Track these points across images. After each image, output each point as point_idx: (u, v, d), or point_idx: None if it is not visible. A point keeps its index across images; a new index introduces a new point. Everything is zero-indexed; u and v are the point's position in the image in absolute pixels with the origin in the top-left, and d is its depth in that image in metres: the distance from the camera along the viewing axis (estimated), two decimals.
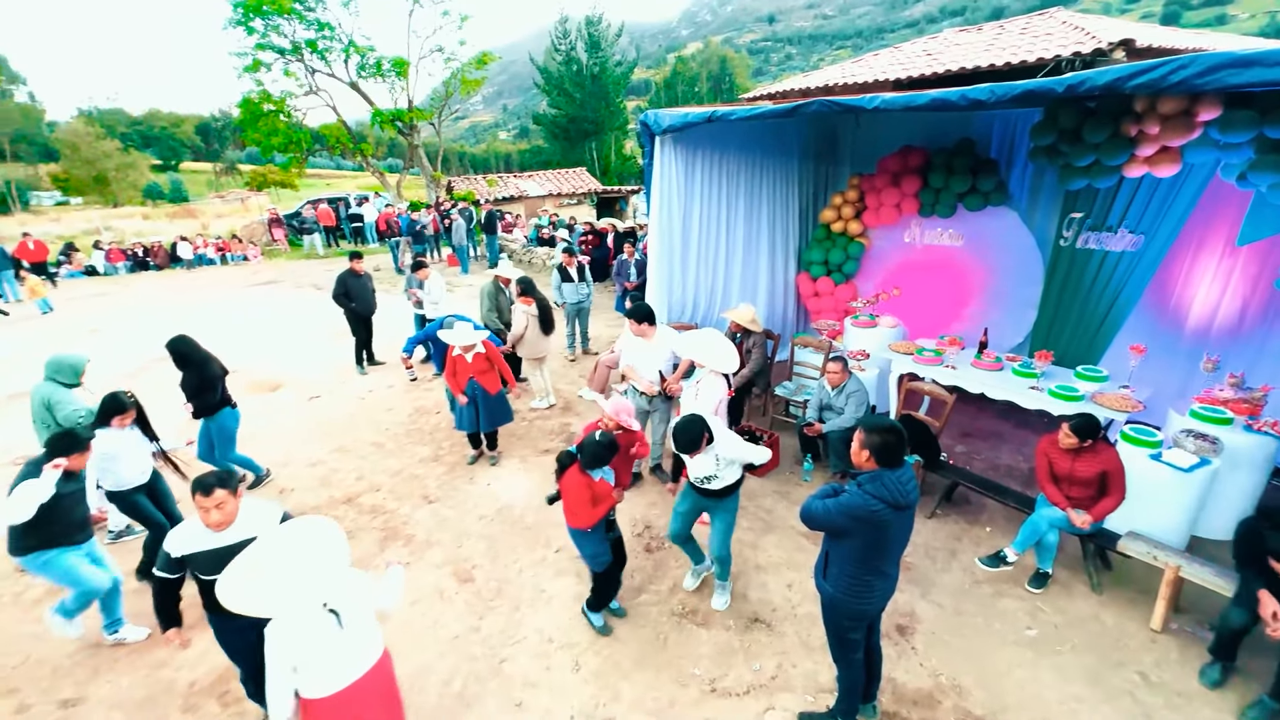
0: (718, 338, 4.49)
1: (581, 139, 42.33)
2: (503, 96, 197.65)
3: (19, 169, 50.85)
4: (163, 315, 12.10)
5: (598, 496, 3.35)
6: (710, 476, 3.52)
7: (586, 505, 3.31)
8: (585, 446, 3.30)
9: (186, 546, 2.68)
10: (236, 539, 2.66)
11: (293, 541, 2.28)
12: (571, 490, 3.33)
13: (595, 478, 3.36)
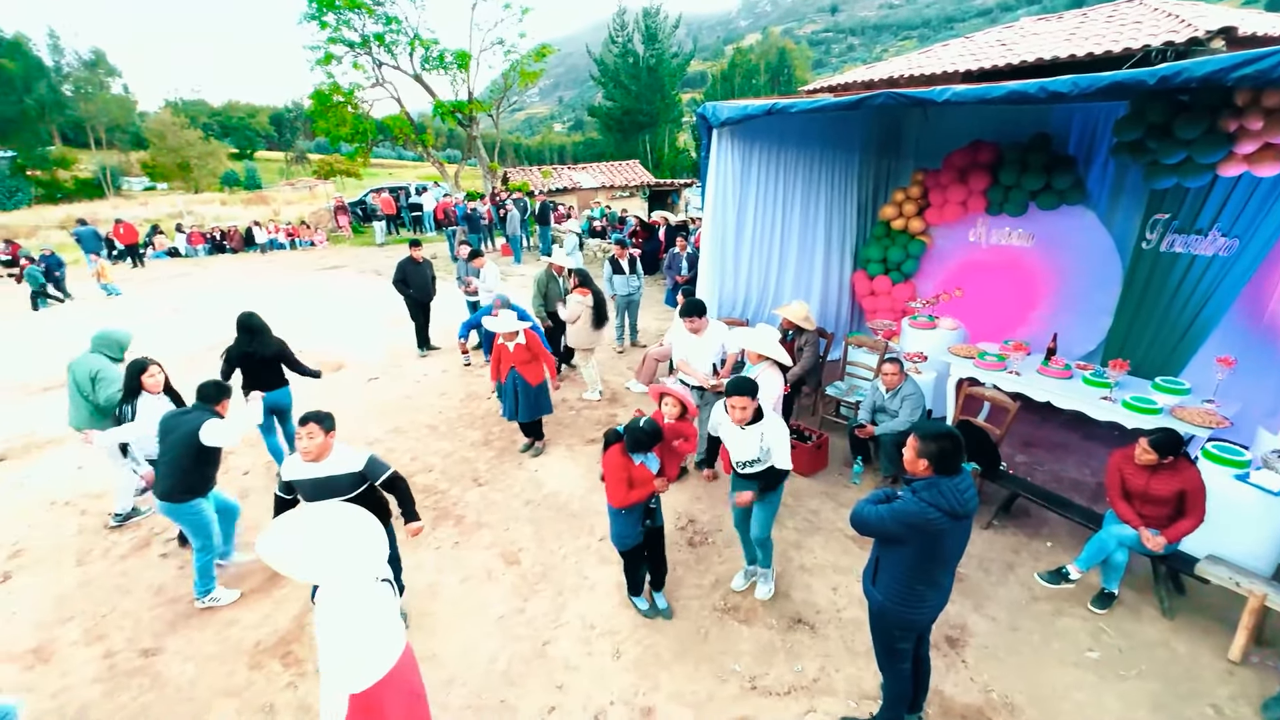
0: (772, 333, 4.45)
1: (635, 131, 42.35)
2: (559, 89, 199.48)
3: (113, 156, 54.58)
4: (238, 296, 12.81)
5: (634, 480, 3.40)
6: (753, 461, 3.49)
7: (622, 485, 3.36)
8: (630, 429, 3.35)
9: (291, 473, 3.25)
10: (326, 473, 3.21)
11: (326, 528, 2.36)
12: (610, 469, 3.39)
13: (636, 461, 3.40)
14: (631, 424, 3.37)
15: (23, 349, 9.65)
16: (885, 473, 5.03)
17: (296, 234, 20.71)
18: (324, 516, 2.41)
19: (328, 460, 3.24)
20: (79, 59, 60.55)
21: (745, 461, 3.53)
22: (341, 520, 2.40)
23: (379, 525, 2.44)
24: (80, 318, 11.36)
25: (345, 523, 2.39)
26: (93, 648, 3.70)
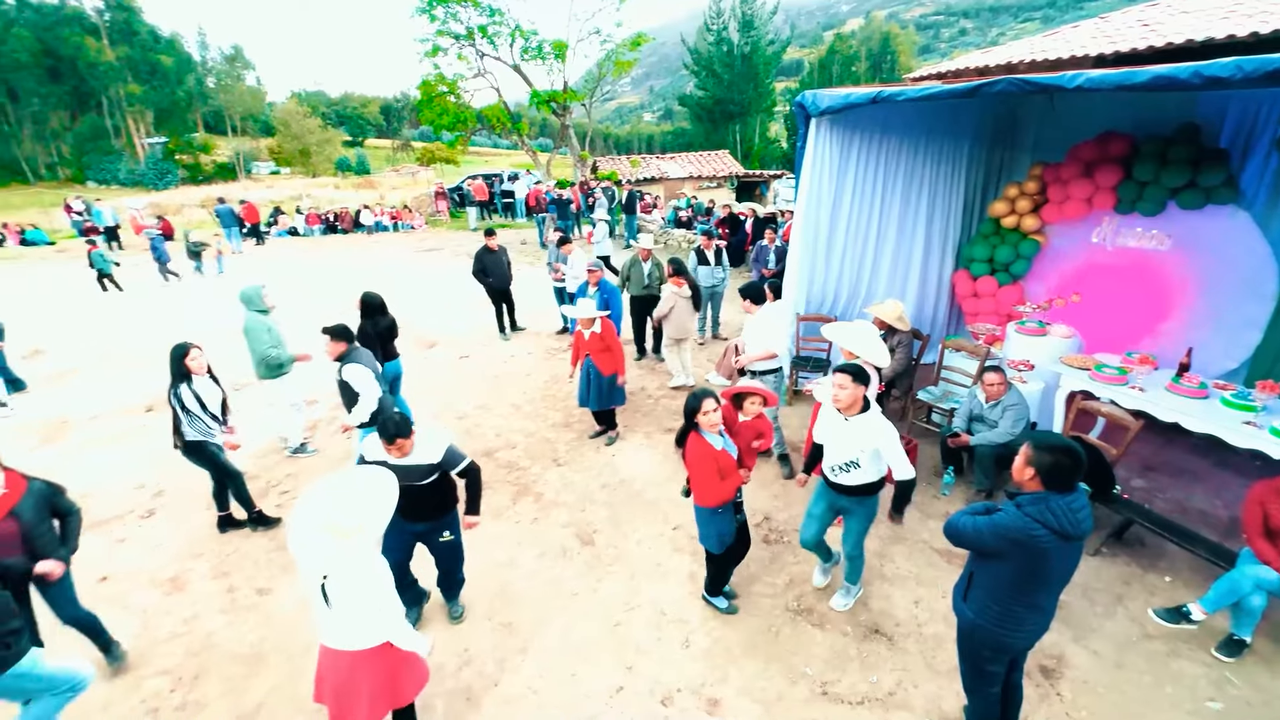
0: (871, 330, 4.28)
1: (726, 121, 41.76)
2: (651, 78, 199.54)
3: (246, 142, 60.18)
4: (349, 273, 13.82)
5: (723, 470, 3.29)
6: (851, 464, 3.32)
7: (713, 478, 3.25)
8: (685, 403, 3.28)
9: (372, 455, 3.26)
10: (407, 462, 3.21)
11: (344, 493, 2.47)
12: (696, 462, 3.28)
13: (717, 447, 3.29)
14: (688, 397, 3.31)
15: (173, 311, 10.89)
16: (979, 486, 4.73)
17: (399, 217, 22.02)
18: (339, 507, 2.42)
19: (415, 452, 3.28)
20: (221, 54, 66.85)
21: (841, 464, 3.37)
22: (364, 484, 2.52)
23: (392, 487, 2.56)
24: (224, 286, 12.69)
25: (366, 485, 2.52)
26: (218, 582, 4.15)
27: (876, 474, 3.35)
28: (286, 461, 5.69)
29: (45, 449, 6.11)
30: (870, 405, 3.28)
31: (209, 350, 4.52)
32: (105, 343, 9.31)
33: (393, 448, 3.14)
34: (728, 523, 3.46)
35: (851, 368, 3.27)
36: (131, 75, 55.00)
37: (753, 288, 5.03)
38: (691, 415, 3.26)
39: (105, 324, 10.44)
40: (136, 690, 3.37)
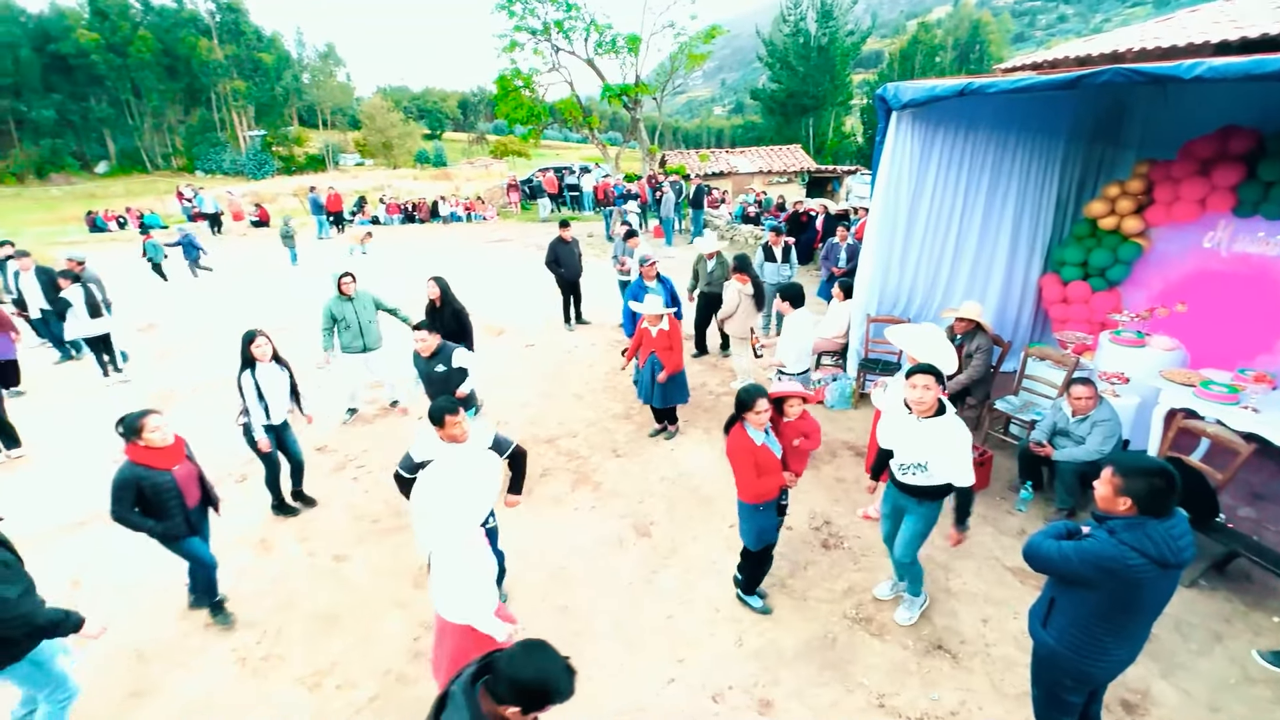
0: (938, 334, 4.10)
1: (799, 115, 40.72)
2: (723, 71, 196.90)
3: (335, 135, 63.73)
4: (426, 260, 14.43)
5: (761, 466, 3.25)
6: (919, 465, 3.22)
7: (750, 470, 3.24)
8: (737, 397, 3.27)
9: (427, 454, 3.26)
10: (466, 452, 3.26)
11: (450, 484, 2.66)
12: (735, 454, 3.29)
13: (758, 442, 3.26)
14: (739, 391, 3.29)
15: (271, 292, 11.73)
16: (1061, 504, 4.45)
17: (472, 208, 22.76)
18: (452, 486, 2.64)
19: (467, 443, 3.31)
20: (316, 52, 70.93)
21: (909, 465, 3.27)
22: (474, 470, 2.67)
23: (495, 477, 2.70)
24: (313, 269, 13.54)
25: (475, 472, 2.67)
26: (301, 546, 4.45)
27: (940, 478, 3.22)
28: (360, 438, 6.02)
29: None
30: (946, 408, 3.16)
31: (299, 331, 4.83)
32: (207, 320, 10.13)
33: (443, 432, 3.18)
34: (769, 520, 3.44)
35: (934, 369, 3.16)
36: (237, 72, 59.29)
37: (792, 289, 5.21)
38: (743, 410, 3.26)
39: (208, 302, 11.35)
40: (227, 639, 3.68)
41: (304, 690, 3.32)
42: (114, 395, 7.24)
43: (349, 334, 5.90)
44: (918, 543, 3.46)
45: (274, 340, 4.60)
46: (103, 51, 53.11)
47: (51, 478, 5.50)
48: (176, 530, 3.49)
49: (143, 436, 3.35)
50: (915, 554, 3.48)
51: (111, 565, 4.33)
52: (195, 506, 3.60)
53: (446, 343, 4.96)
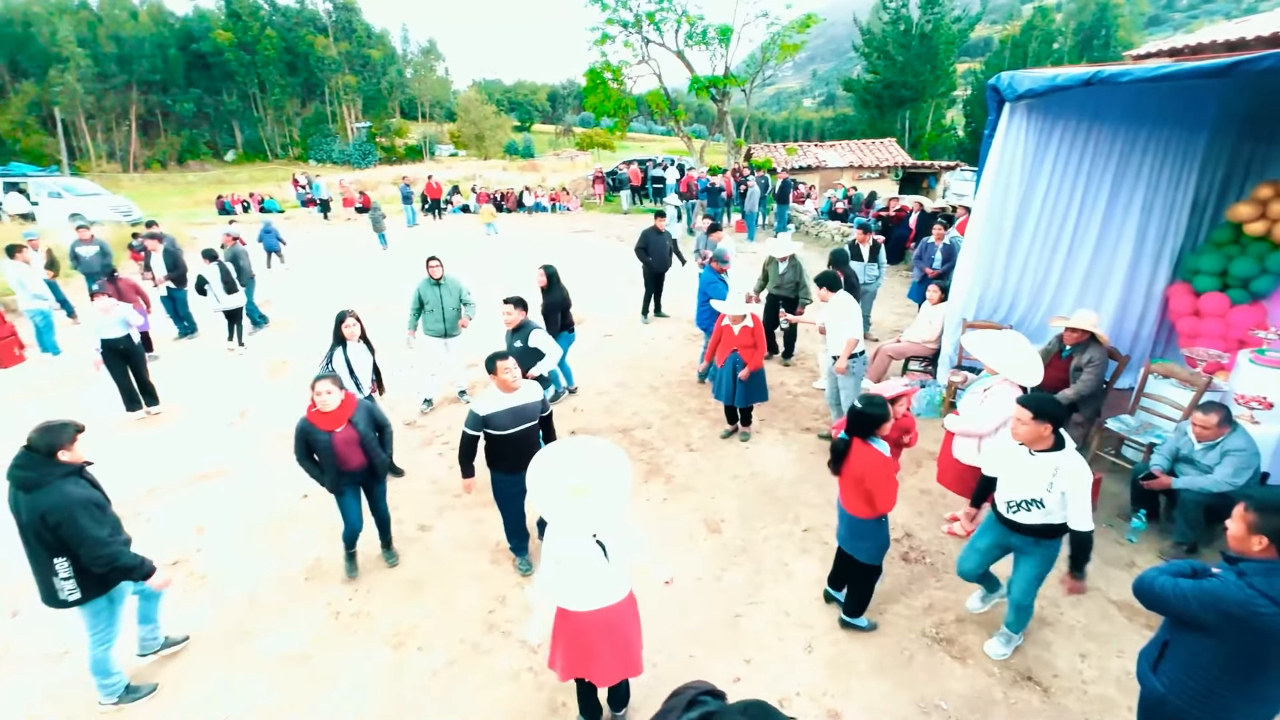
0: (1021, 343, 3.82)
1: (895, 107, 38.85)
2: (814, 61, 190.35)
3: (432, 127, 67.00)
4: (515, 249, 14.94)
5: (891, 475, 3.12)
6: (1032, 503, 2.98)
7: (890, 485, 3.08)
8: (855, 414, 3.11)
9: (489, 407, 3.65)
10: (521, 402, 3.69)
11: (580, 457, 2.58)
12: (869, 470, 3.06)
13: (886, 453, 3.13)
14: (851, 408, 3.15)
15: (375, 274, 12.54)
16: (1180, 538, 4.03)
17: (557, 199, 23.30)
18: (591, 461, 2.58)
19: (520, 391, 3.71)
20: (419, 47, 74.70)
21: (1018, 502, 3.04)
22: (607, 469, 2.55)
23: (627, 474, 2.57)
24: (402, 253, 14.35)
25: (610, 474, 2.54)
26: (390, 515, 4.72)
27: (1058, 516, 2.97)
28: (446, 415, 6.32)
29: (270, 382, 7.36)
30: (1065, 442, 2.92)
31: (392, 310, 5.12)
32: (319, 296, 10.95)
33: (499, 380, 3.61)
34: (887, 532, 3.31)
35: (1032, 402, 2.92)
36: (348, 68, 63.53)
37: (827, 276, 5.21)
38: (874, 427, 3.09)
39: (319, 281, 12.27)
40: (324, 592, 3.99)
41: (388, 649, 3.55)
42: (236, 362, 7.99)
43: (432, 317, 6.09)
44: (1039, 584, 3.21)
45: (364, 321, 4.95)
46: (235, 49, 58.40)
47: (182, 433, 6.14)
48: (328, 486, 3.82)
49: (312, 397, 3.69)
50: (1033, 595, 3.24)
51: (233, 515, 4.78)
52: (357, 469, 3.82)
53: (529, 320, 5.11)
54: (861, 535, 3.30)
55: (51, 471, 2.83)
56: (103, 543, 2.85)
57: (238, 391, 7.02)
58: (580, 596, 2.63)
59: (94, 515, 2.86)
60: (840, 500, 3.37)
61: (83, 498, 2.85)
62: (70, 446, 2.90)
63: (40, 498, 2.78)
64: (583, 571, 2.57)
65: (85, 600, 2.96)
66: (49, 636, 3.66)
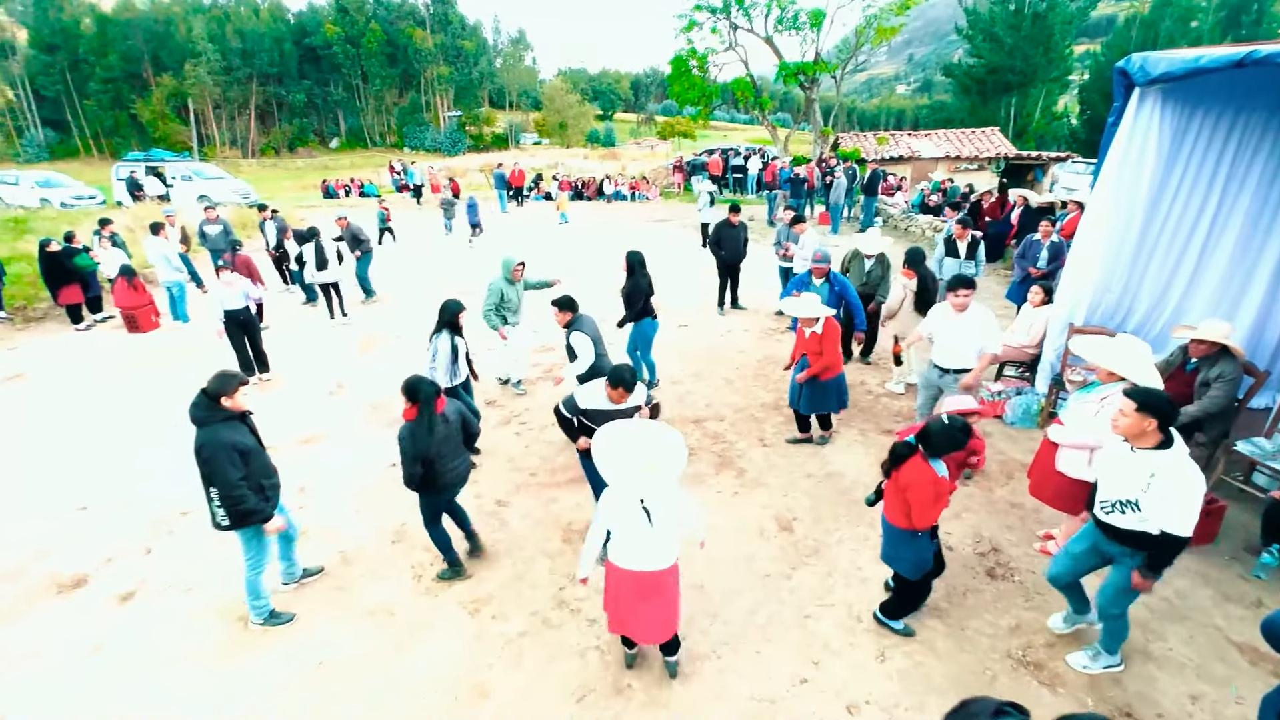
0: (1141, 348, 3.49)
1: (1000, 93, 36.26)
2: (911, 45, 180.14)
3: (518, 116, 68.88)
4: (593, 238, 15.17)
5: (940, 494, 3.00)
6: (1128, 504, 2.77)
7: (930, 503, 2.98)
8: (933, 430, 2.98)
9: (590, 403, 3.70)
10: (620, 407, 3.68)
11: (648, 439, 2.86)
12: (915, 485, 2.99)
13: (941, 472, 3.01)
14: (934, 424, 3.00)
15: (454, 261, 13.11)
16: None
17: (636, 188, 23.40)
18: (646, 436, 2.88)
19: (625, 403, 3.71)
20: (509, 38, 76.80)
21: (1113, 502, 2.84)
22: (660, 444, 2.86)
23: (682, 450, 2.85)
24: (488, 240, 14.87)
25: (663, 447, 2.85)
26: (470, 489, 4.92)
27: (1155, 524, 2.73)
28: (524, 398, 6.52)
29: (361, 356, 7.86)
30: (1174, 440, 2.67)
31: (475, 295, 5.31)
32: (411, 277, 11.57)
33: (615, 393, 3.61)
34: (926, 548, 3.18)
35: (1139, 393, 2.71)
36: (443, 59, 66.25)
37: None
38: (944, 450, 3.00)
39: (410, 262, 12.95)
40: (408, 556, 4.24)
41: (465, 614, 3.73)
42: (337, 334, 8.59)
43: (510, 312, 6.23)
44: (1127, 597, 2.97)
45: None
46: (342, 43, 62.28)
47: (288, 399, 6.67)
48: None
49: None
50: (1125, 607, 3.01)
51: (330, 478, 5.17)
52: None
53: (577, 318, 5.01)
54: (896, 545, 3.23)
55: (214, 414, 3.27)
56: (232, 485, 3.22)
57: (336, 363, 7.55)
58: (625, 554, 2.93)
59: (233, 460, 3.23)
60: (884, 511, 3.28)
61: (229, 442, 3.23)
62: (233, 395, 3.31)
63: (200, 434, 3.23)
64: (629, 532, 2.86)
65: (234, 528, 3.36)
66: (181, 571, 4.11)
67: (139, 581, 4.08)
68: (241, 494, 3.27)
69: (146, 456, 5.58)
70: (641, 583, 2.93)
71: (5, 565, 4.24)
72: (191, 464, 3.30)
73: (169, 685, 3.32)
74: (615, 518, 2.87)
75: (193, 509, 4.82)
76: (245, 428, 3.41)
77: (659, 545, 2.89)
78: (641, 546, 2.88)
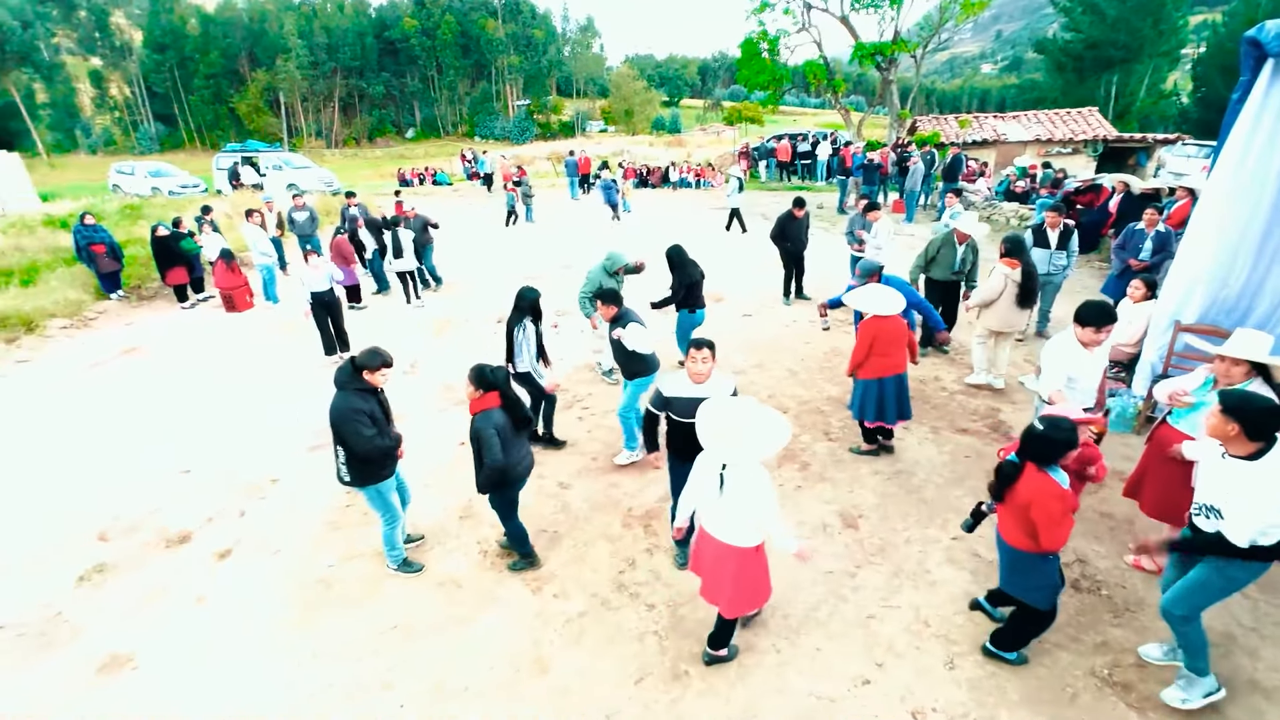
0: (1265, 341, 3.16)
1: (1099, 71, 33.46)
2: (999, 21, 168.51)
3: (585, 103, 69.34)
4: (655, 226, 15.15)
5: (1069, 508, 2.70)
6: (1211, 509, 2.58)
7: (1057, 520, 2.67)
8: (1034, 437, 2.74)
9: (674, 390, 3.54)
10: (705, 393, 3.39)
11: (752, 417, 2.84)
12: (1038, 501, 2.68)
13: (1065, 484, 2.75)
14: (1031, 431, 2.77)
15: (527, 247, 13.41)
16: None
17: (702, 174, 23.14)
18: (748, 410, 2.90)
19: (708, 384, 3.47)
20: (577, 25, 77.28)
21: (1200, 505, 2.65)
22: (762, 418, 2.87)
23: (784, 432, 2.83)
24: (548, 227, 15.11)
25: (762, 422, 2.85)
26: (534, 470, 5.06)
27: (1244, 538, 2.48)
28: (588, 383, 6.61)
29: (435, 339, 8.18)
30: (1268, 453, 2.42)
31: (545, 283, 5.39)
32: (480, 264, 11.93)
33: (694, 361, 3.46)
34: (1056, 570, 2.92)
35: (1229, 396, 2.48)
36: (512, 48, 67.46)
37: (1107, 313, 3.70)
38: (1057, 454, 2.73)
39: (481, 249, 13.34)
40: (474, 532, 4.40)
41: (528, 591, 3.84)
42: (411, 318, 8.98)
43: None
44: (1198, 596, 2.73)
45: None
46: (419, 35, 64.49)
47: None
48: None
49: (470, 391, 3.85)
50: (1190, 609, 2.75)
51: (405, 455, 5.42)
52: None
53: (624, 313, 4.87)
54: (1022, 571, 2.91)
55: (352, 382, 3.58)
56: (366, 438, 3.53)
57: (410, 345, 7.89)
58: (708, 518, 2.99)
59: (363, 422, 3.52)
60: (998, 529, 2.99)
61: (359, 408, 3.53)
62: (373, 372, 3.59)
63: (336, 397, 3.55)
64: (705, 495, 2.96)
65: (356, 485, 3.70)
66: (270, 534, 4.44)
67: (234, 541, 4.43)
68: (372, 446, 3.53)
69: (241, 426, 6.03)
70: (714, 550, 2.98)
71: (125, 521, 4.70)
72: (281, 433, 3.54)
73: (260, 638, 3.60)
74: (698, 478, 2.99)
75: (281, 476, 5.18)
76: (375, 401, 3.67)
77: (727, 517, 2.90)
78: (713, 512, 2.94)
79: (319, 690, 3.25)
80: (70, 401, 6.77)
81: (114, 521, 4.68)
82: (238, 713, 3.16)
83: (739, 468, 2.80)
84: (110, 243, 10.05)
